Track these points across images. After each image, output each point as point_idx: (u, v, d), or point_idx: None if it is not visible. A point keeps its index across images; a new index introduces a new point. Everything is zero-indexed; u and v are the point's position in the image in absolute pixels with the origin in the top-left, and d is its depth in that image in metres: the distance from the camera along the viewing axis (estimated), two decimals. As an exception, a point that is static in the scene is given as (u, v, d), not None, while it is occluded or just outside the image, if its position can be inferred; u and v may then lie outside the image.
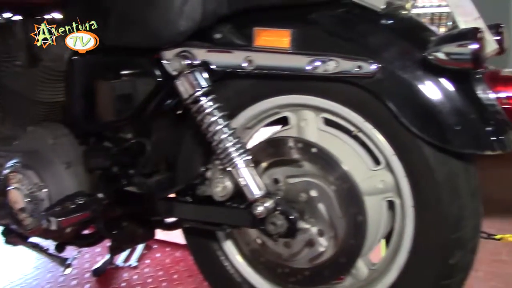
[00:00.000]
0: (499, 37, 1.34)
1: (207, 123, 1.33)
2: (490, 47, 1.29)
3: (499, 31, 1.34)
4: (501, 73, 1.18)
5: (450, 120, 1.15)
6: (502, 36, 1.35)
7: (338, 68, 1.22)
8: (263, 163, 1.41)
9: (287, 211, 1.31)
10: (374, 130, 1.28)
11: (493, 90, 1.16)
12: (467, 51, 1.07)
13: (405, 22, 1.29)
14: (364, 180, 1.33)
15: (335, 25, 1.27)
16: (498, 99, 1.15)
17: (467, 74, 1.16)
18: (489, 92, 1.16)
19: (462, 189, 1.23)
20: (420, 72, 1.17)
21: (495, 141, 1.15)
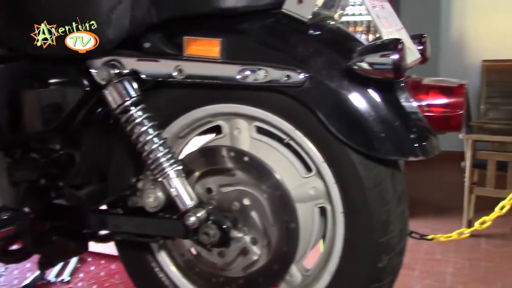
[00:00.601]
0: (422, 46, 1.40)
1: (137, 133, 1.31)
2: (413, 56, 1.34)
3: (422, 41, 1.41)
4: (422, 82, 1.23)
5: (376, 128, 1.19)
6: (425, 46, 1.41)
7: (267, 77, 1.24)
8: (196, 173, 1.40)
9: (220, 220, 1.31)
10: (304, 138, 1.30)
11: (416, 98, 1.21)
12: (388, 62, 1.11)
13: (333, 32, 1.31)
14: (296, 188, 1.34)
15: (265, 35, 1.28)
16: (420, 107, 1.20)
17: (390, 83, 1.20)
18: (412, 100, 1.21)
19: (388, 194, 1.27)
20: (346, 81, 1.20)
21: (418, 147, 1.19)
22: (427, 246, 3.06)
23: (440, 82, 1.22)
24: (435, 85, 1.20)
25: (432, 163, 4.94)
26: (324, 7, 1.37)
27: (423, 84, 1.21)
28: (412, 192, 4.38)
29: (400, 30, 1.33)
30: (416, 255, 3.05)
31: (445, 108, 1.19)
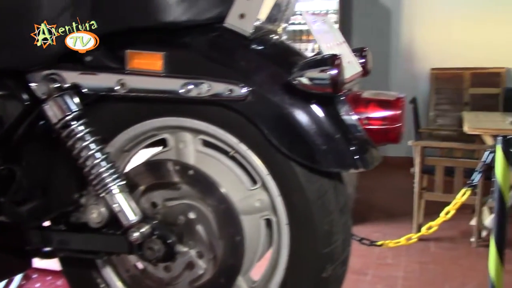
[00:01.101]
0: (363, 60, 1.43)
1: (78, 148, 1.29)
2: (354, 70, 1.37)
3: (363, 54, 1.44)
4: (362, 95, 1.25)
5: (317, 141, 1.21)
6: (367, 59, 1.45)
7: (210, 91, 1.24)
8: (141, 187, 1.39)
9: (165, 235, 1.30)
10: (249, 151, 1.31)
11: (355, 112, 1.24)
12: (326, 77, 1.13)
13: (275, 47, 1.33)
14: (241, 200, 1.35)
15: (207, 49, 1.29)
16: (359, 120, 1.23)
17: (331, 97, 1.22)
18: (352, 114, 1.23)
19: (331, 206, 1.29)
20: (288, 95, 1.21)
21: (358, 159, 1.22)
22: (379, 251, 3.13)
23: (379, 96, 1.25)
24: (374, 98, 1.23)
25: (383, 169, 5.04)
26: (268, 21, 1.39)
27: (362, 98, 1.24)
28: (364, 198, 4.49)
29: (342, 44, 1.36)
30: (368, 260, 3.11)
31: (384, 121, 1.22)
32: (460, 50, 4.77)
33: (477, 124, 3.42)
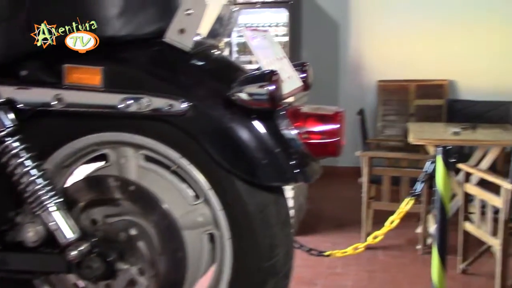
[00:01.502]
0: (304, 74, 1.46)
1: (13, 165, 1.25)
2: (295, 84, 1.40)
3: (304, 69, 1.47)
4: (301, 110, 1.28)
5: (257, 156, 1.22)
6: (307, 73, 1.47)
7: (150, 106, 1.23)
8: (81, 203, 1.36)
9: (105, 253, 1.27)
10: (190, 166, 1.31)
11: (295, 126, 1.25)
12: (264, 92, 1.15)
13: (216, 62, 1.34)
14: (184, 215, 1.34)
15: (147, 64, 1.28)
16: (299, 134, 1.25)
17: (271, 112, 1.24)
18: (291, 128, 1.25)
19: (273, 219, 1.30)
20: (229, 110, 1.22)
21: (298, 173, 1.24)
22: (328, 261, 3.17)
23: (318, 110, 1.28)
24: (313, 113, 1.26)
25: (333, 180, 5.15)
26: (209, 36, 1.40)
27: (302, 112, 1.26)
28: (315, 208, 4.53)
29: (282, 59, 1.38)
30: (318, 270, 3.14)
31: (323, 135, 1.24)
32: (406, 62, 4.93)
33: (421, 135, 3.52)
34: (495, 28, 4.76)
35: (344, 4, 4.98)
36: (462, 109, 4.31)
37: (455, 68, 4.86)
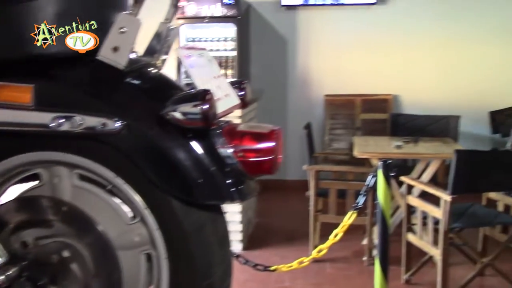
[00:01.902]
0: (243, 92, 1.47)
1: None
2: (232, 102, 1.40)
3: (242, 87, 1.48)
4: (237, 128, 1.28)
5: (193, 174, 1.22)
6: (246, 91, 1.49)
7: (83, 125, 1.21)
8: (11, 225, 1.31)
9: (35, 276, 1.23)
10: (125, 185, 1.29)
11: (231, 144, 1.26)
12: (198, 111, 1.15)
13: (152, 80, 1.33)
14: (120, 235, 1.32)
15: (80, 82, 1.26)
16: (235, 152, 1.25)
17: (206, 130, 1.24)
18: (227, 146, 1.25)
19: (210, 238, 1.30)
20: (164, 129, 1.22)
21: (234, 192, 1.24)
22: (276, 276, 3.17)
23: (254, 128, 1.29)
24: (248, 131, 1.27)
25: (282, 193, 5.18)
26: (146, 53, 1.39)
27: (238, 131, 1.27)
28: (264, 222, 4.53)
29: (219, 78, 1.39)
30: (266, 285, 3.14)
31: (258, 153, 1.25)
32: (352, 77, 5.04)
33: (365, 148, 3.61)
34: (436, 46, 4.95)
35: (292, 20, 5.06)
36: (405, 123, 4.45)
37: (399, 83, 5.01)
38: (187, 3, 4.57)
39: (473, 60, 4.91)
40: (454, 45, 4.92)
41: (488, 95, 4.86)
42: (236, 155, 1.25)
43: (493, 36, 4.86)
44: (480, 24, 4.87)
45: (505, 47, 4.87)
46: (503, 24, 4.85)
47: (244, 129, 1.28)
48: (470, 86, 4.91)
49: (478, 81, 4.91)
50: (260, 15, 5.08)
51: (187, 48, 1.29)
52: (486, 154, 3.08)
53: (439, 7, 4.89)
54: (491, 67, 4.90)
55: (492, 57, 4.89)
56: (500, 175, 2.92)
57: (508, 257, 3.05)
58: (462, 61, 4.93)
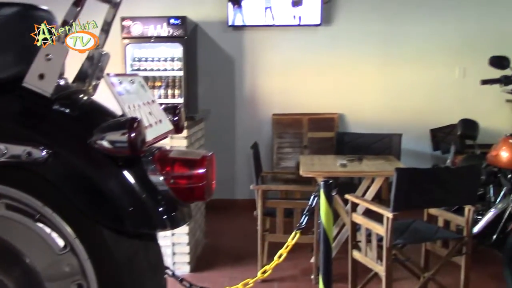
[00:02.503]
0: (176, 117, 1.47)
1: None
2: (165, 128, 1.40)
3: (176, 113, 1.47)
4: (169, 155, 1.28)
5: (123, 203, 1.20)
6: (180, 117, 1.48)
7: (6, 154, 1.18)
8: None
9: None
10: (54, 215, 1.26)
11: (162, 171, 1.25)
12: (125, 139, 1.14)
13: (81, 107, 1.31)
14: (50, 266, 1.28)
15: (4, 109, 1.23)
16: (166, 179, 1.25)
17: (136, 158, 1.23)
18: (158, 173, 1.24)
19: (142, 267, 1.28)
20: (91, 158, 1.20)
21: (166, 219, 1.23)
22: (226, 297, 3.15)
23: (186, 155, 1.29)
24: (179, 158, 1.26)
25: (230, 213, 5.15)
26: (77, 79, 1.37)
27: (169, 157, 1.27)
28: (213, 243, 4.49)
29: (152, 104, 1.38)
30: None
31: (189, 180, 1.25)
32: (299, 97, 5.11)
33: (311, 168, 3.65)
34: (379, 66, 5.10)
35: (239, 40, 5.11)
36: (350, 141, 4.54)
37: (345, 102, 5.12)
38: (133, 23, 4.55)
39: (414, 80, 5.09)
40: (396, 65, 5.09)
41: (429, 114, 5.04)
42: (167, 182, 1.24)
43: (432, 57, 5.06)
44: (420, 46, 5.07)
45: (444, 68, 5.08)
46: (441, 46, 5.06)
47: (175, 155, 1.27)
48: (412, 105, 5.08)
49: (419, 100, 5.09)
50: (208, 35, 5.10)
51: (116, 75, 1.28)
52: (425, 172, 3.18)
53: (381, 28, 5.06)
54: (431, 87, 5.09)
55: (432, 77, 5.08)
56: (439, 191, 3.01)
57: (449, 271, 3.14)
58: (403, 80, 5.10)
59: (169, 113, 1.45)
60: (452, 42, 5.04)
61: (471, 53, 4.89)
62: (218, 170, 4.72)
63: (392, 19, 5.04)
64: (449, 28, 5.03)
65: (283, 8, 4.90)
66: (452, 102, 5.04)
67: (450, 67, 5.05)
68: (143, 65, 4.80)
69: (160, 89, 4.83)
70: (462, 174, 3.16)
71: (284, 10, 4.91)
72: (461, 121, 4.35)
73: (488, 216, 3.34)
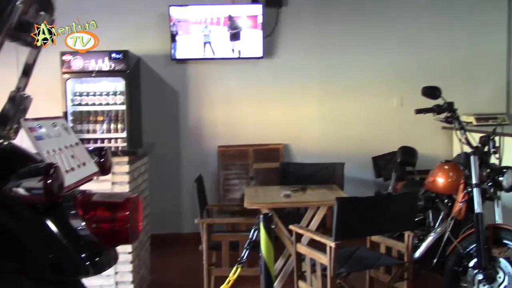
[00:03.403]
0: (102, 159, 1.45)
1: None
2: (89, 170, 1.38)
3: (102, 154, 1.46)
4: (91, 199, 1.25)
5: (42, 250, 1.16)
6: (106, 158, 1.46)
7: None
8: None
9: None
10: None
11: (84, 216, 1.22)
12: (41, 186, 1.11)
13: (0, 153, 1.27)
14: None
15: None
16: (88, 223, 1.22)
17: (56, 204, 1.20)
18: (80, 218, 1.21)
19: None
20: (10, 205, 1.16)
21: (89, 265, 1.20)
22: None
23: (109, 198, 1.27)
24: (102, 201, 1.24)
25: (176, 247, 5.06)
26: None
27: (91, 201, 1.24)
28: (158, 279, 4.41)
29: (74, 147, 1.36)
30: None
31: (112, 223, 1.23)
32: (244, 128, 5.15)
33: (255, 199, 3.66)
34: (321, 97, 5.23)
35: (183, 73, 5.12)
36: (295, 171, 4.59)
37: (289, 133, 5.20)
38: (73, 57, 4.49)
39: (355, 109, 5.24)
40: (337, 96, 5.23)
41: (370, 142, 5.19)
42: (89, 226, 1.21)
43: (372, 87, 5.25)
44: (360, 77, 5.24)
45: (383, 97, 5.26)
46: (380, 76, 5.26)
47: (97, 199, 1.25)
48: (353, 134, 5.22)
49: (361, 129, 5.23)
50: (151, 68, 5.10)
51: (35, 119, 1.25)
52: (365, 200, 3.25)
53: (323, 60, 5.21)
54: (372, 116, 5.25)
55: (372, 106, 5.25)
56: (379, 219, 3.08)
57: (392, 297, 3.19)
58: (345, 110, 5.24)
59: (95, 154, 1.43)
60: (390, 73, 5.25)
61: (408, 83, 5.10)
62: (164, 204, 4.71)
63: (333, 51, 5.20)
64: (387, 60, 5.24)
65: (222, 42, 4.97)
66: (392, 130, 5.21)
67: (389, 96, 5.24)
68: (84, 99, 4.73)
69: (103, 124, 4.76)
70: (400, 201, 3.25)
71: (223, 44, 4.98)
72: (400, 149, 4.49)
73: (428, 241, 3.44)
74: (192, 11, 4.91)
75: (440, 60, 5.26)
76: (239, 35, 4.92)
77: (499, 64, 5.32)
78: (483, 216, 3.02)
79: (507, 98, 5.35)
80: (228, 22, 4.93)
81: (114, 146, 4.65)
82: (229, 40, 4.95)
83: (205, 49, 4.97)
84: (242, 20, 4.94)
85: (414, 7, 5.23)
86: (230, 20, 4.93)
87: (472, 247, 3.08)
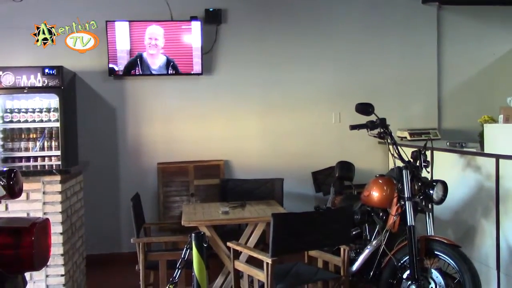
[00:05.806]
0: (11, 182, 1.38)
1: None
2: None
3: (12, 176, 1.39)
4: (-7, 224, 1.19)
5: None
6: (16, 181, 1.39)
7: None
8: None
9: None
10: None
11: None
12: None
13: None
14: None
15: None
16: (-10, 250, 1.15)
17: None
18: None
19: None
20: None
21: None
22: None
23: (12, 223, 1.20)
24: (3, 227, 1.18)
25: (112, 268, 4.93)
26: None
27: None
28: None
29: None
30: None
31: (15, 250, 1.16)
32: (184, 145, 5.07)
33: (193, 217, 3.61)
34: (259, 113, 5.24)
35: (120, 89, 5.00)
36: (234, 187, 4.57)
37: (229, 149, 5.17)
38: (3, 73, 4.31)
39: (294, 125, 5.30)
40: (277, 112, 5.27)
41: (309, 157, 5.24)
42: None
43: (311, 104, 5.32)
44: (299, 93, 5.31)
45: (322, 113, 5.34)
46: (319, 93, 5.34)
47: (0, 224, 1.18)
48: (293, 149, 5.27)
49: (300, 144, 5.29)
50: (87, 85, 4.97)
51: None
52: (301, 216, 3.26)
53: (262, 77, 5.25)
54: (311, 131, 5.32)
55: (311, 122, 5.32)
56: (314, 234, 3.09)
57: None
58: (284, 126, 5.28)
59: (2, 177, 1.36)
60: (328, 90, 5.35)
61: (346, 99, 5.21)
62: (102, 223, 4.56)
63: (272, 68, 5.25)
64: (325, 77, 5.34)
65: (160, 59, 4.93)
66: (330, 145, 5.30)
67: (327, 112, 5.33)
68: (16, 116, 4.55)
69: (37, 142, 4.58)
70: (335, 216, 3.28)
71: (161, 61, 4.93)
72: (338, 164, 4.55)
73: (365, 254, 3.49)
74: (131, 27, 4.83)
75: (376, 78, 5.42)
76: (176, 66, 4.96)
77: (431, 83, 5.56)
78: (415, 229, 3.10)
79: (438, 114, 5.57)
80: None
81: (48, 165, 4.48)
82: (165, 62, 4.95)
83: (143, 65, 4.91)
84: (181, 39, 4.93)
85: (350, 27, 5.38)
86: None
87: (405, 259, 3.15)
